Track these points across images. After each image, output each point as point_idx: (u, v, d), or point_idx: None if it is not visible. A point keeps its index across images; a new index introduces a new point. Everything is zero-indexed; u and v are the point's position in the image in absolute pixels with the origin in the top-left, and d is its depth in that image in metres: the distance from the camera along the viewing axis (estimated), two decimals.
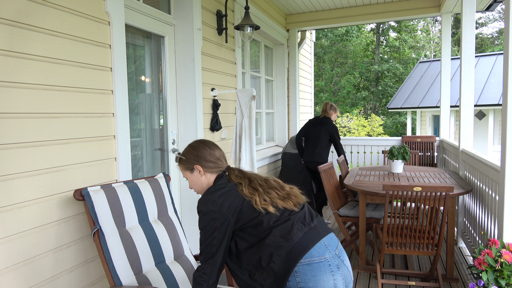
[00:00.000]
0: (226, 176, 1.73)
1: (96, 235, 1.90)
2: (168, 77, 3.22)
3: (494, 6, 4.75)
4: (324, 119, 4.72)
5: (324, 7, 5.63)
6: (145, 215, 2.14)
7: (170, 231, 2.21)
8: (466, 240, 3.68)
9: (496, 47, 24.77)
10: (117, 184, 2.09)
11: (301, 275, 1.46)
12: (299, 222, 1.56)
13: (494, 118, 11.36)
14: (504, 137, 2.35)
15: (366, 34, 22.91)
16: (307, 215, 1.62)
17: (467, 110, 3.93)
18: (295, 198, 1.66)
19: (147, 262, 2.02)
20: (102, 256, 1.89)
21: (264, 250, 1.52)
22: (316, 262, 1.48)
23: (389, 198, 2.85)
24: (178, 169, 1.85)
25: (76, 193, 1.93)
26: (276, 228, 1.54)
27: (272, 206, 1.58)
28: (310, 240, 1.52)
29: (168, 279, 2.02)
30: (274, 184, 1.70)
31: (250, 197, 1.59)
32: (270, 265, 1.49)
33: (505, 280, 2.12)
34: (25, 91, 1.82)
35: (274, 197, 1.62)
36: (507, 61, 2.30)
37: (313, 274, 1.46)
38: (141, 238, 2.04)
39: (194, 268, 2.20)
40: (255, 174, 1.75)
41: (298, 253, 1.48)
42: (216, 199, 1.58)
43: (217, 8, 3.73)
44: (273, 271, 1.48)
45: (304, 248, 1.49)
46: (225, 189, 1.63)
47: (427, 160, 5.78)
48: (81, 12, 2.13)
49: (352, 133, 18.61)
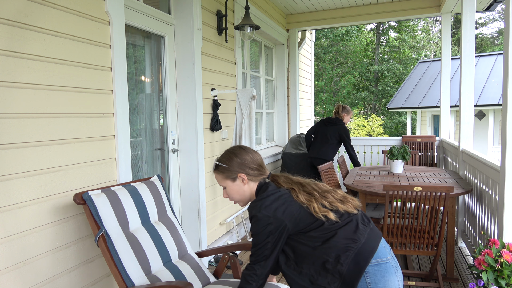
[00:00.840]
0: (271, 182, 1.66)
1: (101, 239, 1.87)
2: (168, 77, 3.22)
3: (494, 6, 4.75)
4: (336, 120, 4.73)
5: (324, 7, 5.63)
6: (147, 216, 2.15)
7: (172, 231, 2.23)
8: (466, 240, 3.68)
9: (496, 47, 24.77)
10: (116, 187, 2.10)
11: (372, 276, 1.46)
12: (360, 223, 1.55)
13: (494, 118, 11.36)
14: (504, 137, 2.35)
15: (366, 34, 22.92)
16: (364, 216, 1.60)
17: (467, 110, 3.93)
18: (352, 200, 1.62)
19: (156, 262, 2.02)
20: (110, 259, 1.86)
21: (329, 253, 1.47)
22: (384, 263, 1.48)
23: (389, 198, 2.85)
24: (215, 177, 1.73)
25: (77, 197, 1.89)
26: (340, 229, 1.50)
27: (332, 212, 1.53)
28: (374, 241, 1.51)
29: (178, 277, 2.04)
30: (327, 187, 1.65)
31: (307, 204, 1.54)
32: (337, 267, 1.45)
33: (505, 280, 2.12)
34: (25, 91, 1.82)
35: (333, 201, 1.57)
36: (507, 61, 2.30)
37: (382, 275, 1.47)
38: (147, 239, 2.04)
39: (200, 265, 2.22)
40: (303, 178, 1.68)
41: (367, 254, 1.46)
42: (270, 204, 1.52)
43: (217, 8, 3.73)
44: (340, 273, 1.45)
45: (372, 249, 1.48)
46: (277, 194, 1.56)
47: (427, 160, 5.78)
48: (81, 12, 2.13)
49: (352, 133, 18.61)
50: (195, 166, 3.34)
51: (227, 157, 1.70)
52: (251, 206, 1.57)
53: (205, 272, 2.20)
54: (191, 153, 3.33)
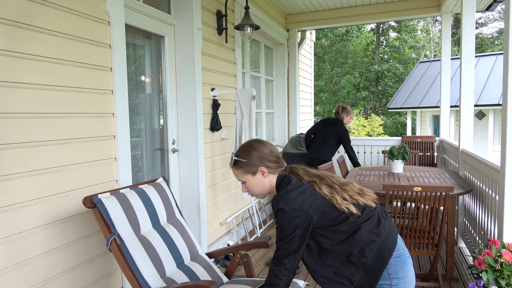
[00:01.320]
0: (292, 175, 1.67)
1: (113, 242, 1.84)
2: (168, 77, 3.22)
3: (494, 6, 4.75)
4: (336, 120, 4.72)
5: (324, 7, 5.63)
6: (157, 219, 2.14)
7: (182, 233, 2.22)
8: (466, 240, 3.68)
9: (496, 47, 24.77)
10: (125, 190, 2.08)
11: (393, 267, 1.53)
12: (381, 217, 1.59)
13: (494, 118, 11.36)
14: (504, 137, 2.35)
15: (366, 34, 22.92)
16: (382, 210, 1.65)
17: (467, 110, 3.93)
18: (368, 193, 1.65)
19: (169, 265, 2.01)
20: (123, 263, 1.83)
21: (354, 246, 1.51)
22: (403, 255, 1.56)
23: (389, 198, 2.85)
24: (233, 172, 1.74)
25: (87, 201, 1.86)
26: (364, 223, 1.54)
27: (353, 205, 1.57)
28: (395, 234, 1.58)
29: (192, 278, 2.03)
30: (344, 180, 1.67)
31: (330, 196, 1.57)
32: (361, 260, 1.50)
33: (505, 280, 2.12)
34: (25, 91, 1.82)
35: (352, 194, 1.61)
36: (507, 61, 2.30)
37: (402, 266, 1.54)
38: (159, 242, 2.03)
39: (211, 266, 2.21)
40: (317, 171, 1.70)
41: (389, 247, 1.53)
42: (297, 198, 1.54)
43: (217, 8, 3.73)
44: (364, 265, 1.50)
45: (394, 241, 1.55)
46: (303, 188, 1.58)
47: (427, 160, 5.78)
48: (81, 12, 2.13)
49: (352, 133, 18.61)
50: (195, 166, 3.34)
51: (246, 151, 1.69)
52: (276, 200, 1.57)
53: (218, 272, 2.19)
54: (191, 153, 3.33)
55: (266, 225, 4.68)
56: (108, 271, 2.35)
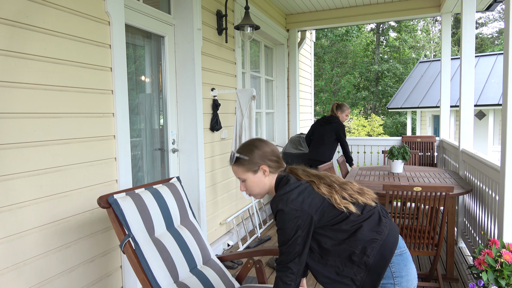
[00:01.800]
0: (290, 175, 1.66)
1: (127, 245, 1.80)
2: (168, 77, 3.23)
3: (494, 6, 4.75)
4: (331, 118, 4.70)
5: (324, 7, 5.63)
6: (171, 220, 2.09)
7: (195, 236, 2.17)
8: (466, 240, 3.68)
9: (496, 47, 24.77)
10: (140, 190, 2.03)
11: (396, 265, 1.52)
12: (382, 215, 1.59)
13: (494, 118, 11.36)
14: (504, 137, 2.35)
15: (366, 34, 22.91)
16: (383, 209, 1.64)
17: (467, 110, 3.93)
18: (368, 192, 1.64)
19: (183, 269, 1.97)
20: (137, 266, 1.79)
21: (355, 245, 1.50)
22: (405, 253, 1.56)
23: (389, 198, 2.85)
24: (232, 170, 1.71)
25: (102, 201, 1.80)
26: (365, 222, 1.53)
27: (353, 204, 1.56)
28: (396, 232, 1.57)
29: (205, 284, 1.98)
30: (343, 180, 1.66)
31: (329, 195, 1.55)
32: (363, 259, 1.49)
33: (505, 280, 2.12)
34: (25, 91, 1.82)
35: (352, 193, 1.59)
36: (507, 61, 2.30)
37: (404, 264, 1.53)
38: (173, 245, 1.98)
39: (224, 270, 2.17)
40: (317, 171, 1.69)
41: (391, 245, 1.52)
42: (296, 198, 1.51)
43: (217, 8, 3.73)
44: (366, 264, 1.49)
45: (395, 239, 1.54)
46: (302, 187, 1.56)
47: (427, 160, 5.78)
48: (81, 12, 2.13)
49: (352, 133, 18.61)
50: (195, 166, 3.34)
51: (248, 149, 1.68)
52: (276, 200, 1.54)
53: (229, 277, 2.16)
54: (191, 153, 3.33)
55: (266, 225, 4.68)
56: (108, 271, 2.35)
